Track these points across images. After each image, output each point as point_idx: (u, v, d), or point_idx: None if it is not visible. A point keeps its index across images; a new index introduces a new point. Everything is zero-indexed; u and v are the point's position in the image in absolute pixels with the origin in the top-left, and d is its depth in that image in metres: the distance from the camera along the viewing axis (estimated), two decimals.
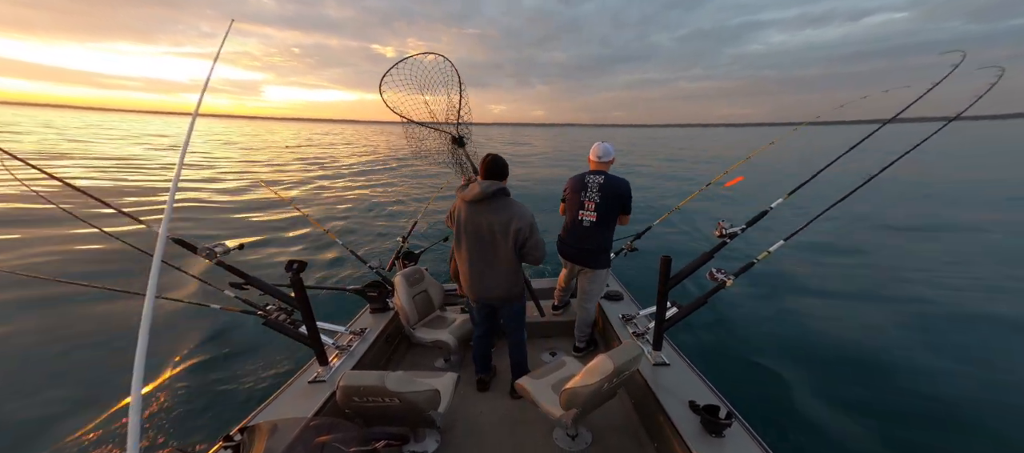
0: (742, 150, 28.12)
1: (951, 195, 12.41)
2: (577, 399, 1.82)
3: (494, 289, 2.32)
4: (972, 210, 10.39)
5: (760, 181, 14.42)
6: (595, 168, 2.79)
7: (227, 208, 10.65)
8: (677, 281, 2.21)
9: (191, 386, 3.60)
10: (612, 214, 2.71)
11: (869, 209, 9.85)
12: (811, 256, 6.89)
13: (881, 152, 2.32)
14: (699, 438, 1.80)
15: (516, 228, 2.15)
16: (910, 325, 4.66)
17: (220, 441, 1.56)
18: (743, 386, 3.51)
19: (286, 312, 2.36)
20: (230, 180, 15.11)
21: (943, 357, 4.06)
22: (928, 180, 14.52)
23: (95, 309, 4.84)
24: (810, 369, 3.87)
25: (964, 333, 4.50)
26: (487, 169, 2.21)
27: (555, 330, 3.42)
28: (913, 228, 8.78)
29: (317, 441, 1.36)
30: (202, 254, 1.96)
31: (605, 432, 2.34)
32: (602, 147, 2.80)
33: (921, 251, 7.36)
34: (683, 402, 2.01)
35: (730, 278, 2.10)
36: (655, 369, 2.32)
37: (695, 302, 2.24)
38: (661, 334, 2.40)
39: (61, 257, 6.52)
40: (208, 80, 1.33)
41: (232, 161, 21.93)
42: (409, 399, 1.87)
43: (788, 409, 3.38)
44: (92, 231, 2.38)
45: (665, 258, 2.18)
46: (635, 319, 2.95)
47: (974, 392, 3.54)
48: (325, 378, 2.31)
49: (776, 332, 4.59)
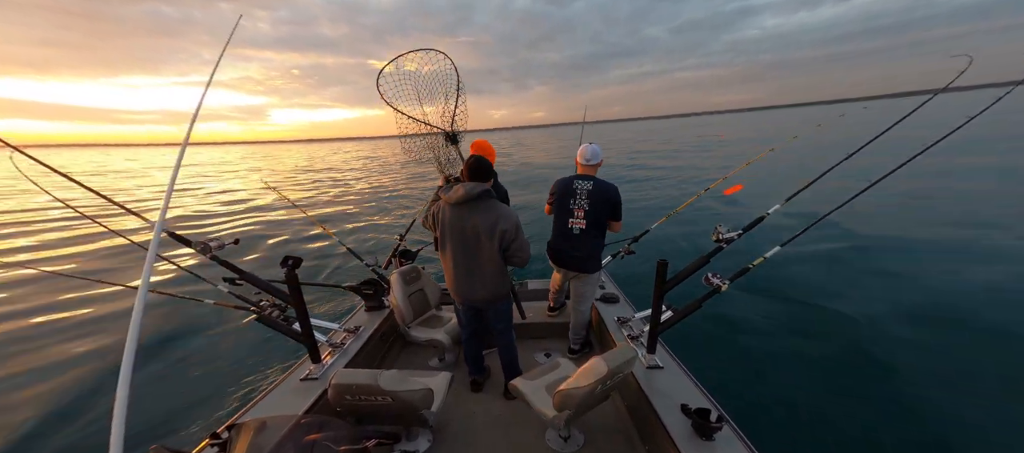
0: (739, 138, 27.87)
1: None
2: (570, 401, 1.82)
3: (480, 291, 2.32)
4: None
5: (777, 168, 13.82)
6: (582, 172, 2.72)
7: (225, 205, 10.61)
8: (673, 284, 2.21)
9: (180, 381, 3.58)
10: (602, 220, 2.66)
11: (868, 210, 9.87)
12: (811, 260, 6.90)
13: (886, 155, 2.30)
14: (690, 441, 1.81)
15: (502, 230, 2.15)
16: (910, 328, 4.66)
17: (207, 439, 1.54)
18: (736, 389, 3.52)
19: (280, 308, 2.35)
20: (236, 185, 15.04)
21: (942, 358, 4.07)
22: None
23: (86, 300, 4.82)
24: (809, 371, 3.87)
25: (966, 335, 4.49)
26: (471, 171, 2.21)
27: (549, 331, 3.42)
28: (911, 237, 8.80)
29: (307, 439, 1.35)
30: (196, 248, 1.95)
31: (598, 434, 2.34)
32: (590, 149, 2.71)
33: (921, 252, 7.38)
34: (675, 405, 2.01)
35: (725, 282, 2.11)
36: (649, 372, 2.32)
37: (690, 306, 2.25)
38: (656, 337, 2.40)
39: (56, 248, 6.49)
40: (204, 95, 1.36)
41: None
42: (402, 398, 1.86)
43: (780, 413, 3.39)
44: (86, 223, 2.36)
45: (661, 262, 2.18)
46: (630, 322, 2.95)
47: (975, 397, 3.54)
48: (317, 376, 2.30)
49: (775, 334, 4.59)
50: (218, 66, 1.42)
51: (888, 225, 7.87)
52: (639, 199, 11.77)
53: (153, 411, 3.20)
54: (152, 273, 0.92)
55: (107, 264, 6.05)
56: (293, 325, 2.33)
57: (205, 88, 1.36)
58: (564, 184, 2.71)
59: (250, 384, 3.57)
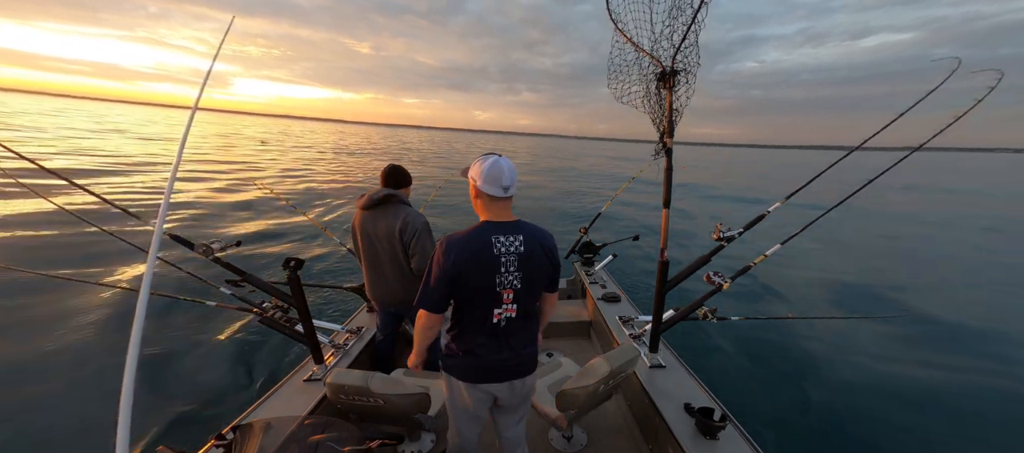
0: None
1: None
2: (573, 401, 1.82)
3: (392, 294, 2.36)
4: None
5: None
6: (493, 213, 1.47)
7: (223, 206, 10.61)
8: (674, 284, 2.22)
9: (184, 383, 3.58)
10: (537, 296, 1.58)
11: (868, 212, 9.89)
12: (811, 261, 6.92)
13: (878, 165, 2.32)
14: (694, 440, 1.81)
15: (400, 230, 2.19)
16: (909, 334, 4.68)
17: (212, 440, 1.55)
18: (739, 389, 3.53)
19: (282, 310, 2.35)
20: (224, 178, 15.06)
21: (944, 359, 4.08)
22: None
23: (88, 304, 4.81)
24: (808, 374, 3.88)
25: (975, 342, 4.49)
26: (384, 177, 2.32)
27: (552, 331, 3.42)
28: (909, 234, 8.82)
29: (311, 439, 1.35)
30: (198, 251, 1.95)
31: (600, 433, 2.34)
32: (502, 166, 1.42)
33: (921, 253, 7.39)
34: (678, 404, 2.01)
35: (727, 281, 2.11)
36: (651, 371, 2.33)
37: (692, 305, 2.25)
38: (658, 336, 2.40)
39: (56, 250, 6.48)
40: (208, 74, 1.34)
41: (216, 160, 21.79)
42: (394, 402, 1.86)
43: (782, 413, 3.39)
44: (87, 225, 2.37)
45: (663, 261, 2.19)
46: (632, 321, 2.95)
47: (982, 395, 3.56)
48: (320, 377, 2.30)
49: (773, 338, 4.60)
50: (218, 56, 1.43)
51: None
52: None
53: (158, 413, 3.20)
54: (153, 274, 0.92)
55: (107, 265, 6.06)
56: (295, 326, 2.33)
57: (205, 79, 1.34)
58: (475, 249, 1.41)
59: (254, 385, 3.57)
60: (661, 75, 1.95)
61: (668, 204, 2.11)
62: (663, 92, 1.99)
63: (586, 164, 36.78)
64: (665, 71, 1.92)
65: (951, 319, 4.96)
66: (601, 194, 16.99)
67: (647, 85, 2.08)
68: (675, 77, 1.91)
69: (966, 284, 5.99)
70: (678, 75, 1.91)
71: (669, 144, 2.03)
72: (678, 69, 1.90)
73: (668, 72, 1.91)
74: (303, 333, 2.29)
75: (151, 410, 3.22)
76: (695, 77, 1.91)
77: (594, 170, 30.42)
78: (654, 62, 1.97)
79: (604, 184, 21.60)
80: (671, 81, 1.92)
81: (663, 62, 1.93)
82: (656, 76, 1.99)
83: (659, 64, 1.95)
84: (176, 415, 3.20)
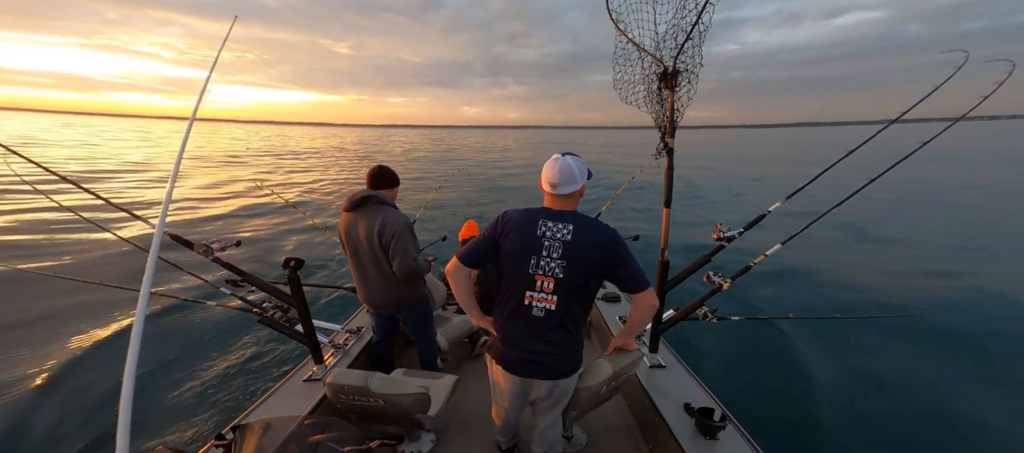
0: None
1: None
2: (575, 401, 1.82)
3: (383, 296, 2.33)
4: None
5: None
6: (554, 204, 1.51)
7: (223, 205, 10.61)
8: (674, 284, 2.21)
9: (184, 383, 3.58)
10: (587, 293, 1.52)
11: (868, 212, 9.90)
12: (812, 259, 6.91)
13: (883, 156, 2.30)
14: (693, 440, 1.81)
15: (378, 232, 2.14)
16: (913, 334, 4.66)
17: (211, 440, 1.55)
18: (739, 389, 3.52)
19: (282, 310, 2.35)
20: (225, 178, 15.06)
21: (944, 359, 4.08)
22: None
23: (88, 303, 4.82)
24: (809, 375, 3.88)
25: (975, 343, 4.48)
26: (369, 178, 2.29)
27: None
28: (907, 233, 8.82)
29: (311, 439, 1.35)
30: (198, 251, 1.95)
31: (600, 433, 2.34)
32: (563, 165, 1.47)
33: (921, 254, 7.39)
34: (678, 404, 2.01)
35: (727, 281, 2.11)
36: (651, 371, 2.32)
37: (692, 305, 2.25)
38: (658, 336, 2.40)
39: (56, 251, 6.48)
40: (208, 80, 1.35)
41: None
42: (393, 401, 1.86)
43: (782, 413, 3.39)
44: (87, 226, 2.36)
45: (663, 261, 2.19)
46: None
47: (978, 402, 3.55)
48: (320, 377, 2.30)
49: (774, 338, 4.59)
50: (216, 63, 1.44)
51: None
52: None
53: (158, 413, 3.20)
54: (153, 274, 0.92)
55: (107, 266, 6.06)
56: (295, 326, 2.33)
57: (204, 85, 1.35)
58: (521, 224, 1.48)
59: (253, 385, 3.57)
60: (663, 75, 1.95)
61: (669, 204, 2.10)
62: (664, 92, 1.99)
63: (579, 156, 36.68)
64: (667, 71, 1.91)
65: (952, 320, 4.95)
66: (599, 191, 16.96)
67: (648, 84, 2.07)
68: (677, 77, 1.91)
69: (970, 286, 5.99)
70: (680, 75, 1.91)
71: (671, 144, 2.03)
72: (680, 69, 1.90)
73: (670, 72, 1.91)
74: (303, 333, 2.29)
75: (151, 410, 3.22)
76: (697, 77, 1.91)
77: (589, 164, 30.33)
78: (656, 62, 1.96)
79: (599, 179, 21.47)
80: (673, 81, 1.92)
81: (665, 62, 1.92)
82: (658, 76, 1.98)
83: (660, 64, 1.94)
84: (176, 415, 3.20)
